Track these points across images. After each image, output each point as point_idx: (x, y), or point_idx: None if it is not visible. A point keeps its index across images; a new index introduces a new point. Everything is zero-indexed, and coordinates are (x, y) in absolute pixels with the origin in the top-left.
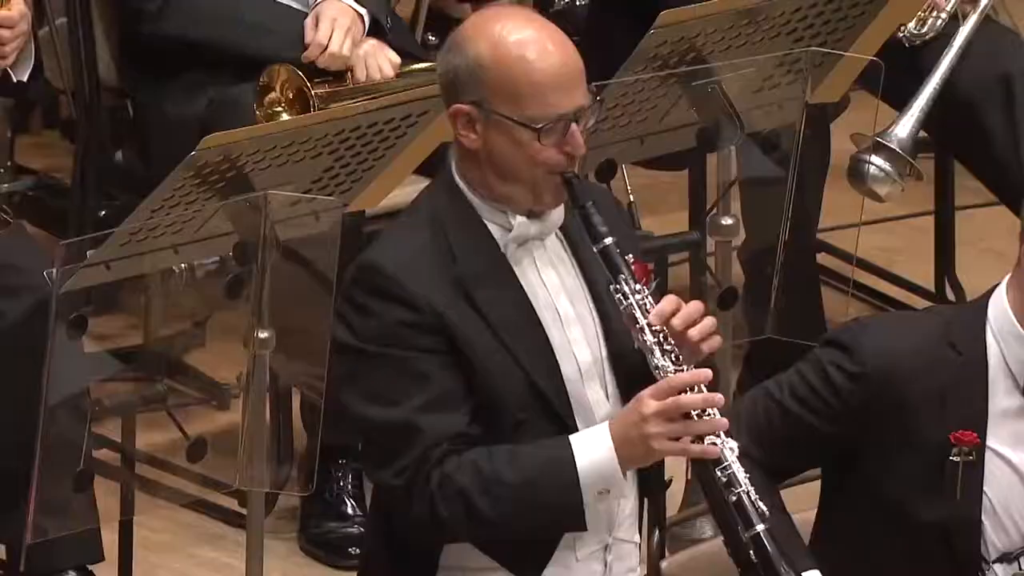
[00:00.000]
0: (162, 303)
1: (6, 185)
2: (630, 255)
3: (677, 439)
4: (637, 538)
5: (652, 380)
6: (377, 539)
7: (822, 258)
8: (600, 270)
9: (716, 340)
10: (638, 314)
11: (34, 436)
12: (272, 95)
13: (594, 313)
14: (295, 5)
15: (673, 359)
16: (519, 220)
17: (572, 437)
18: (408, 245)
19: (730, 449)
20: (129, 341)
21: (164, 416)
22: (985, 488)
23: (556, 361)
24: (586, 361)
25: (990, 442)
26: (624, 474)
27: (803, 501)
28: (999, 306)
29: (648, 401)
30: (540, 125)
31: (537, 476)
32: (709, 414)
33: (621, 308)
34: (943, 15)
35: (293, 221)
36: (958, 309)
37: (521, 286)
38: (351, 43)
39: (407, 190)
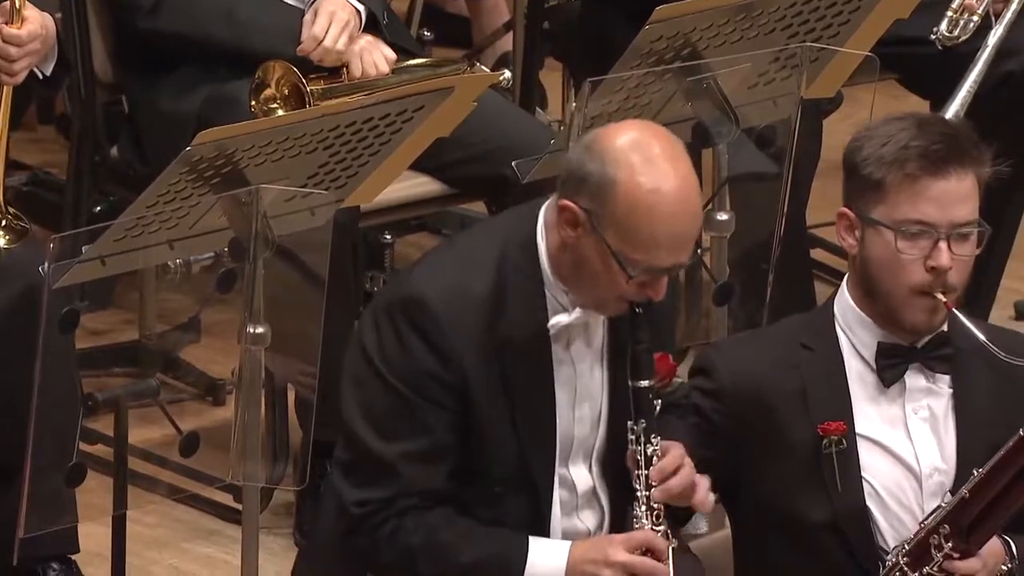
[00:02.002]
0: (157, 298)
1: None
2: (658, 401)
3: None
4: None
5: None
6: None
7: (816, 253)
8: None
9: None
10: (641, 462)
11: (25, 428)
12: (268, 91)
13: (605, 391)
14: (290, 1)
15: (654, 519)
16: (577, 314)
17: (532, 541)
18: (466, 288)
19: None
20: (123, 336)
21: (158, 411)
22: (864, 475)
23: (555, 444)
24: (583, 437)
25: (859, 428)
26: None
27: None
28: (842, 298)
29: (618, 548)
30: (635, 273)
31: (485, 565)
32: None
33: (629, 447)
34: (975, 17)
35: (288, 216)
36: (808, 313)
37: (553, 371)
38: (347, 38)
39: (402, 185)
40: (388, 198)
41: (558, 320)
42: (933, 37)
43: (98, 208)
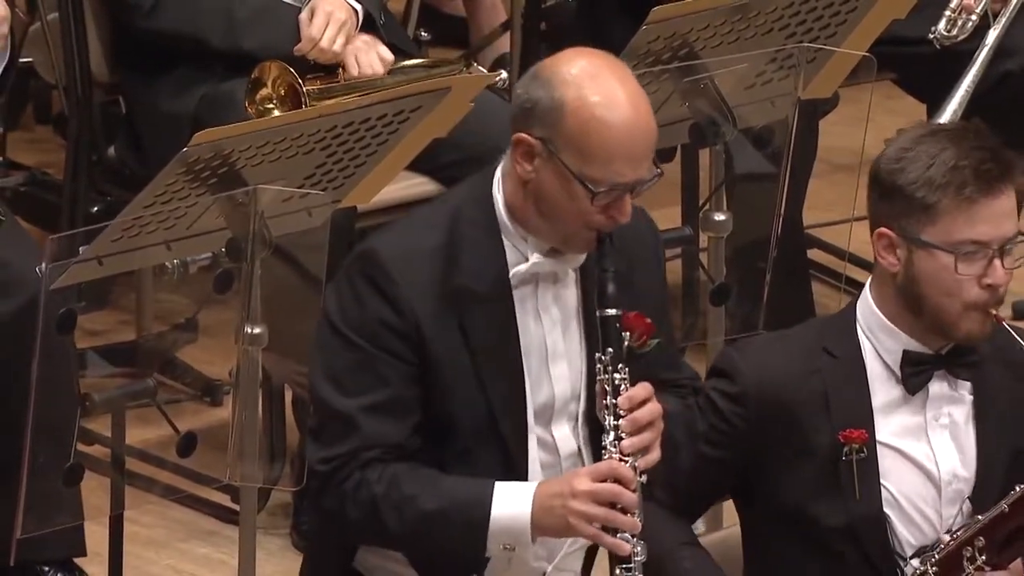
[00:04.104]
0: (154, 299)
1: None
2: (626, 334)
3: (595, 525)
4: (578, 567)
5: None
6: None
7: (814, 254)
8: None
9: (652, 457)
10: (609, 391)
11: (25, 431)
12: (264, 91)
13: (584, 352)
14: (288, 0)
15: (622, 450)
16: (535, 259)
17: (498, 484)
18: (417, 241)
19: (636, 552)
20: (121, 336)
21: (155, 412)
22: (883, 482)
23: (525, 400)
24: (563, 398)
25: (879, 436)
26: (533, 539)
27: (734, 516)
28: (865, 304)
29: (583, 478)
30: (598, 189)
31: (449, 509)
32: (633, 514)
33: (598, 378)
34: (973, 17)
35: (285, 217)
36: (829, 316)
37: (515, 318)
38: (344, 39)
39: (399, 186)
40: (385, 199)
41: (518, 269)
42: (931, 37)
43: (95, 208)
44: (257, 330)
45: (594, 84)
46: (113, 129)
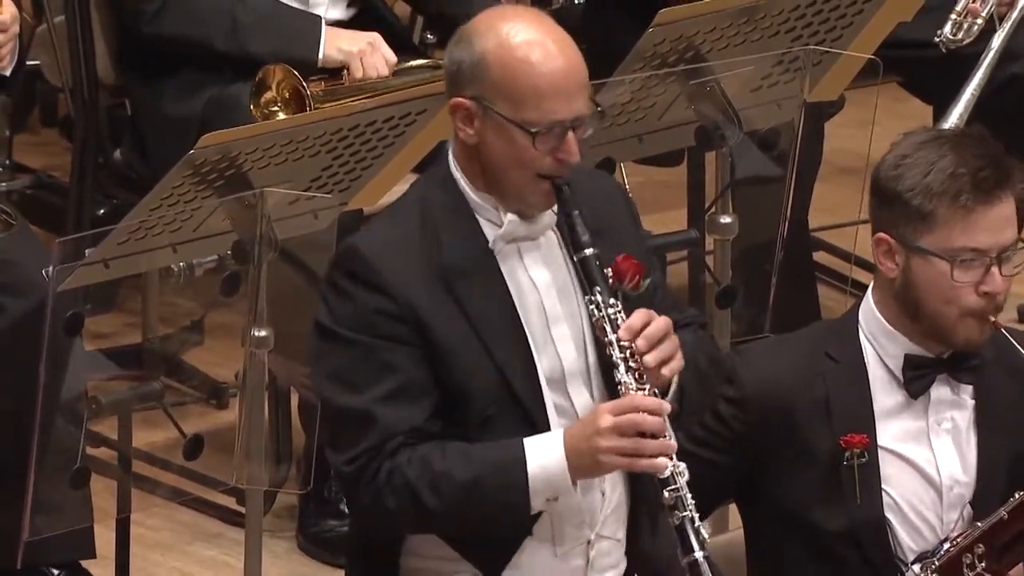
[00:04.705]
0: (160, 301)
1: (4, 183)
2: (608, 269)
3: (627, 456)
4: (621, 534)
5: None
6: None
7: (820, 256)
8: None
9: (676, 364)
10: (608, 328)
11: (32, 433)
12: (268, 95)
13: (583, 313)
14: (292, 3)
15: (636, 377)
16: (509, 219)
17: (526, 440)
18: (392, 231)
19: (679, 473)
20: (127, 339)
21: (161, 414)
22: (885, 487)
23: (534, 362)
24: (571, 360)
25: (881, 441)
26: (574, 483)
27: (740, 519)
28: (867, 309)
29: (605, 415)
30: (536, 130)
31: (486, 476)
32: (664, 436)
33: (592, 320)
34: (979, 20)
35: (291, 219)
36: (831, 321)
37: (506, 283)
38: (380, 57)
39: (405, 188)
40: (391, 201)
41: (497, 234)
42: (937, 40)
43: (101, 211)
44: (263, 333)
45: (511, 30)
46: (119, 132)
